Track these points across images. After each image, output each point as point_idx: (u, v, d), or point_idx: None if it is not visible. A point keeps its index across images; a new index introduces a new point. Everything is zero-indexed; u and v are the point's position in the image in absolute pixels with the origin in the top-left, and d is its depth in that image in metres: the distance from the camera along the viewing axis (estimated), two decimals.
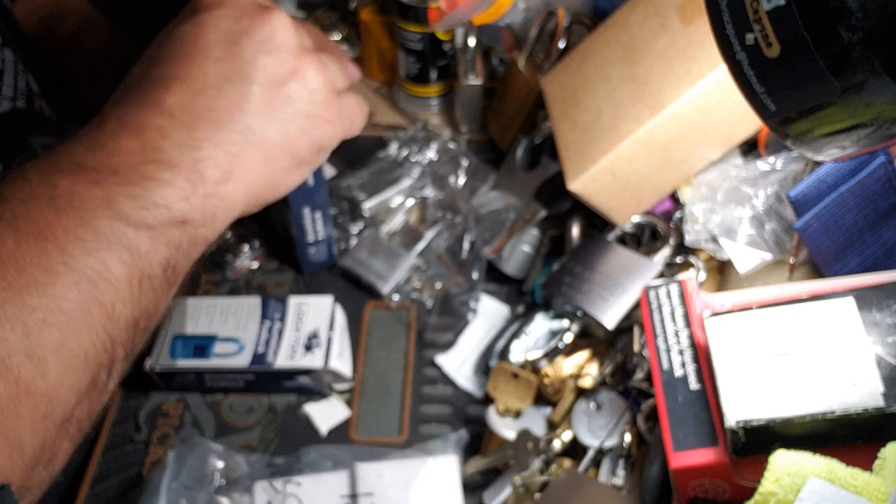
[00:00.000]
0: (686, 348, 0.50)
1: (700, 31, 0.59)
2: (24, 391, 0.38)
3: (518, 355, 0.64)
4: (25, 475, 0.38)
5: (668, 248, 0.64)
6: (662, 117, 0.59)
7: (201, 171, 0.45)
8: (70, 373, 0.40)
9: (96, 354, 0.41)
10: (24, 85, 0.61)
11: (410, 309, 0.72)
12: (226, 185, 0.47)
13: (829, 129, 0.35)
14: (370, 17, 0.87)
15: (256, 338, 0.66)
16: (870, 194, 0.52)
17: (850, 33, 0.31)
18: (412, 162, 0.80)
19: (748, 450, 0.44)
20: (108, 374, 0.43)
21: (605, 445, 0.57)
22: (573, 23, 0.75)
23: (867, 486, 0.38)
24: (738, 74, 0.36)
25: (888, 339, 0.44)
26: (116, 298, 0.42)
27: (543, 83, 0.71)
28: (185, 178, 0.45)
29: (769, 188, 0.58)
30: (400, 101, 0.88)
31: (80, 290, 0.40)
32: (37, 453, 0.39)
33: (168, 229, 0.44)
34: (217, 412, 0.66)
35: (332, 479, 0.58)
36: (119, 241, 0.42)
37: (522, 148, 0.75)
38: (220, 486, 0.59)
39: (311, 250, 0.72)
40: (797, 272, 0.57)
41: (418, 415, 0.66)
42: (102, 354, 0.42)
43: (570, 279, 0.64)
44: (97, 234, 0.42)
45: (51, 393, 0.39)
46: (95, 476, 0.63)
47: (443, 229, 0.75)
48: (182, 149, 0.45)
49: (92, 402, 0.42)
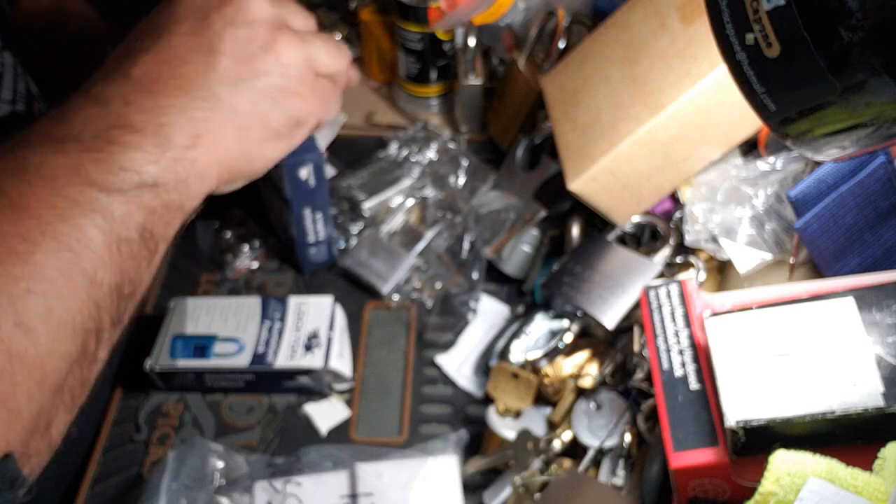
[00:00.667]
0: (686, 348, 0.50)
1: (700, 31, 0.59)
2: (17, 360, 0.38)
3: (518, 355, 0.64)
4: (25, 442, 0.39)
5: (668, 248, 0.64)
6: (662, 117, 0.59)
7: (167, 135, 0.46)
8: (59, 340, 0.40)
9: (83, 321, 0.42)
10: (23, 88, 0.60)
11: (410, 309, 0.72)
12: (195, 150, 0.47)
13: (829, 129, 0.35)
14: (370, 17, 0.87)
15: (256, 338, 0.66)
16: (870, 194, 0.52)
17: (850, 33, 0.31)
18: (412, 162, 0.80)
19: (748, 450, 0.44)
20: (96, 341, 0.43)
21: (605, 445, 0.57)
22: (573, 23, 0.75)
23: (867, 486, 0.38)
24: (738, 74, 0.36)
25: (888, 339, 0.44)
26: (97, 264, 0.42)
27: (543, 83, 0.71)
28: (151, 142, 0.45)
29: (769, 188, 0.58)
30: (400, 101, 0.88)
31: (60, 257, 0.41)
32: (34, 420, 0.39)
33: (139, 192, 0.44)
34: (217, 412, 0.66)
35: (332, 479, 0.58)
36: (91, 207, 0.42)
37: (522, 148, 0.75)
38: (220, 486, 0.59)
39: (312, 250, 0.72)
40: (797, 272, 0.57)
41: (418, 415, 0.66)
42: (89, 321, 0.42)
43: (570, 279, 0.64)
44: (69, 201, 0.42)
45: (43, 360, 0.39)
46: (95, 476, 0.63)
47: (443, 229, 0.75)
48: (146, 114, 0.46)
49: (83, 370, 0.43)
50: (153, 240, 0.46)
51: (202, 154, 0.47)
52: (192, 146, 0.47)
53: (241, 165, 0.50)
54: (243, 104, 0.49)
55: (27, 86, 0.61)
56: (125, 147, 0.44)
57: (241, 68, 0.49)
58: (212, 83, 0.48)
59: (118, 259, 0.43)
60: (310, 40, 0.52)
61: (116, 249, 0.43)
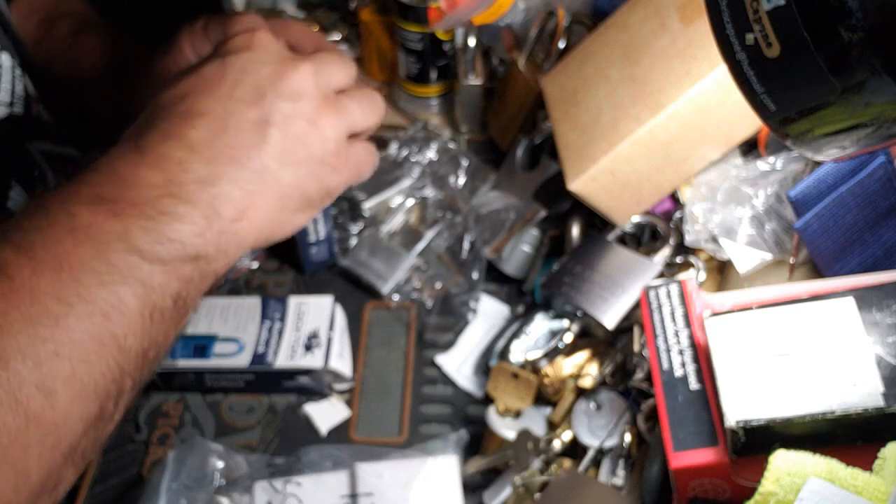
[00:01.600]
0: (686, 348, 0.50)
1: (700, 31, 0.59)
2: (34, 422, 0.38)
3: (518, 355, 0.64)
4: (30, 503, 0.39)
5: (668, 248, 0.64)
6: (662, 117, 0.59)
7: (217, 208, 0.46)
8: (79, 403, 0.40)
9: (105, 385, 0.42)
10: (21, 89, 0.60)
11: (410, 309, 0.72)
12: (240, 223, 0.48)
13: (829, 129, 0.35)
14: (370, 17, 0.87)
15: (256, 338, 0.66)
16: (870, 194, 0.52)
17: (850, 33, 0.31)
18: (412, 162, 0.80)
19: (748, 450, 0.44)
20: (115, 404, 0.43)
21: (605, 445, 0.57)
22: (573, 23, 0.75)
23: (867, 486, 0.38)
24: (738, 74, 0.36)
25: (888, 339, 0.44)
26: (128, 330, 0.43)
27: (543, 83, 0.71)
28: (201, 214, 0.46)
29: (769, 188, 0.58)
30: (400, 101, 0.88)
31: (92, 321, 0.41)
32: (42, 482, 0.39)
33: (181, 264, 0.45)
34: (217, 412, 0.67)
35: (332, 479, 0.58)
36: (133, 274, 0.43)
37: (522, 148, 0.75)
38: (220, 486, 0.59)
39: (313, 250, 0.72)
40: (797, 272, 0.57)
41: (418, 415, 0.66)
42: (111, 385, 0.42)
43: (570, 279, 0.64)
44: (112, 266, 0.42)
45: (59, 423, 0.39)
46: (95, 476, 0.63)
47: (443, 229, 0.75)
48: (201, 184, 0.46)
49: (98, 432, 0.43)
50: (185, 306, 0.46)
51: (245, 226, 0.48)
52: (238, 219, 0.48)
53: (274, 231, 0.51)
54: (288, 176, 0.50)
55: (25, 87, 0.61)
56: (174, 218, 0.45)
57: (289, 141, 0.50)
58: (263, 155, 0.49)
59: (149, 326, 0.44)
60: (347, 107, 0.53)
61: (149, 316, 0.44)
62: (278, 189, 0.50)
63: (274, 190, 0.49)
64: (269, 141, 0.49)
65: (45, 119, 0.62)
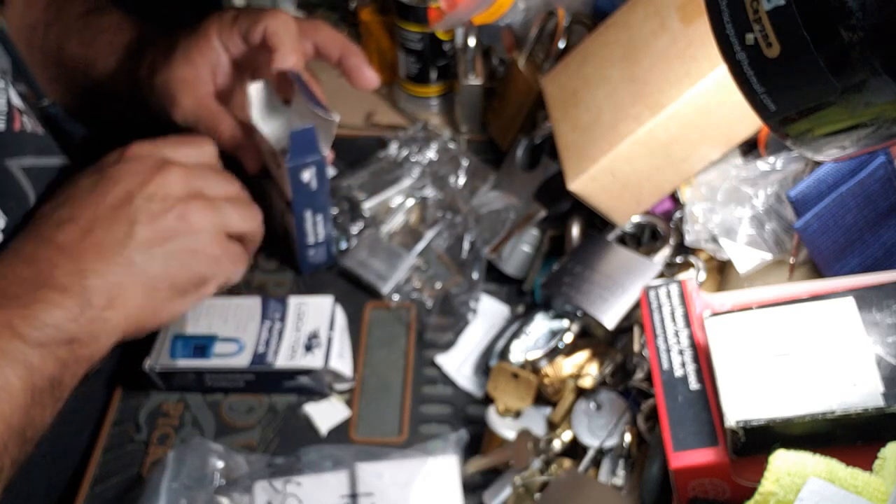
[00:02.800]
0: (686, 348, 0.50)
1: (700, 31, 0.59)
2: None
3: (518, 355, 0.64)
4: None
5: (668, 248, 0.64)
6: (662, 117, 0.59)
7: (88, 297, 0.53)
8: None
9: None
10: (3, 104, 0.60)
11: (410, 309, 0.72)
12: (109, 311, 0.54)
13: (829, 129, 0.35)
14: (370, 17, 0.87)
15: (256, 338, 0.66)
16: (870, 194, 0.52)
17: (850, 33, 0.31)
18: (412, 162, 0.80)
19: (748, 450, 0.44)
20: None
21: (605, 445, 0.57)
22: (573, 23, 0.75)
23: (867, 486, 0.38)
24: (738, 74, 0.36)
25: (888, 339, 0.44)
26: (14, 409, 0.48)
27: (543, 83, 0.71)
28: (75, 302, 0.52)
29: (769, 188, 0.58)
30: (400, 101, 0.88)
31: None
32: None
33: (57, 347, 0.51)
34: (217, 412, 0.66)
35: (332, 479, 0.58)
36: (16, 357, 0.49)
37: (522, 148, 0.75)
38: (220, 486, 0.59)
39: (311, 252, 0.72)
40: (797, 272, 0.57)
41: (418, 415, 0.66)
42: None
43: (570, 279, 0.64)
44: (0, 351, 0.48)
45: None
46: (95, 476, 0.63)
47: (443, 229, 0.75)
48: (70, 276, 0.53)
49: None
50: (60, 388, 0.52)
51: (114, 314, 0.54)
52: (108, 307, 0.54)
53: (147, 319, 0.57)
54: (155, 267, 0.56)
55: (9, 100, 0.61)
56: (50, 305, 0.51)
57: (155, 235, 0.56)
58: (128, 251, 0.55)
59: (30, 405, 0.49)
60: (221, 207, 0.60)
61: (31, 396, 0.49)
62: (145, 279, 0.56)
63: (140, 281, 0.56)
64: (134, 237, 0.55)
65: (29, 131, 0.61)
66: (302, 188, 0.66)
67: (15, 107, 0.60)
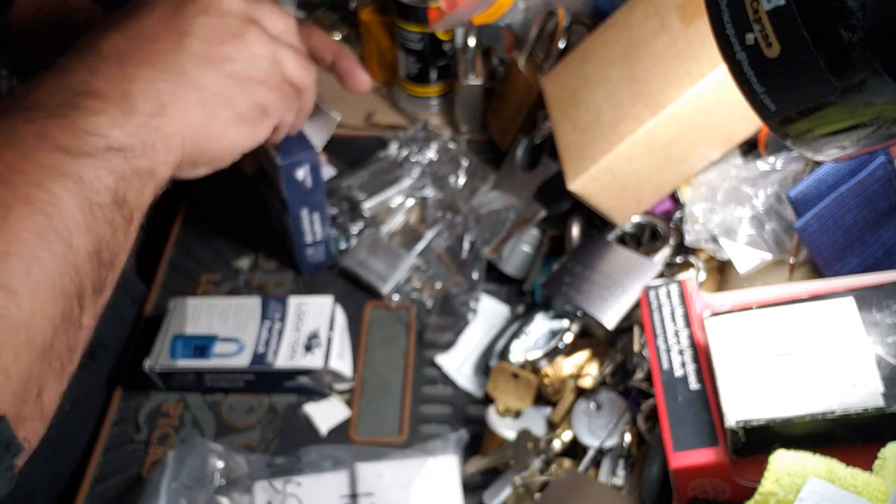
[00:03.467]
0: (686, 348, 0.50)
1: (700, 31, 0.59)
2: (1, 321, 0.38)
3: (518, 355, 0.64)
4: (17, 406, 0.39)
5: (668, 248, 0.64)
6: (662, 117, 0.59)
7: (132, 102, 0.46)
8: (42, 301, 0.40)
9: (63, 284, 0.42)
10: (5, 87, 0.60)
11: (410, 309, 0.72)
12: (160, 119, 0.48)
13: (829, 129, 0.35)
14: (370, 17, 0.87)
15: (256, 338, 0.66)
16: (870, 194, 0.52)
17: (850, 33, 0.31)
18: (412, 162, 0.80)
19: (748, 450, 0.44)
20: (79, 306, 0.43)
21: (605, 445, 0.57)
22: (573, 23, 0.75)
23: (867, 486, 0.38)
24: (738, 74, 0.36)
25: (888, 339, 0.44)
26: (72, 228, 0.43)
27: (543, 83, 0.71)
28: (116, 107, 0.46)
29: (769, 188, 0.58)
30: (400, 101, 0.88)
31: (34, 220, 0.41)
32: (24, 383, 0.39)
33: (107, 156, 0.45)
34: (217, 412, 0.66)
35: (332, 479, 0.58)
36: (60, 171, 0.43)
37: (522, 148, 0.75)
38: (220, 486, 0.59)
39: (309, 251, 0.72)
40: (797, 272, 0.57)
41: (418, 415, 0.66)
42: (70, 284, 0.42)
43: (570, 279, 0.64)
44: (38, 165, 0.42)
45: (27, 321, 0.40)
46: (95, 476, 0.63)
47: (443, 229, 0.75)
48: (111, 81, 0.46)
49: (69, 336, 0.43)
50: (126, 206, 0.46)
51: (167, 123, 0.48)
52: (157, 115, 0.48)
53: (205, 143, 0.51)
54: (210, 83, 0.50)
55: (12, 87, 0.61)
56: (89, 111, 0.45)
57: (211, 51, 0.50)
58: (180, 59, 0.49)
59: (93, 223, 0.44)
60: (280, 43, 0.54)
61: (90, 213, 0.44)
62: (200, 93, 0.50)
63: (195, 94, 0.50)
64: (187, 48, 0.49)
65: None
66: (296, 186, 0.66)
67: None
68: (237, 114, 0.52)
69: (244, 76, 0.51)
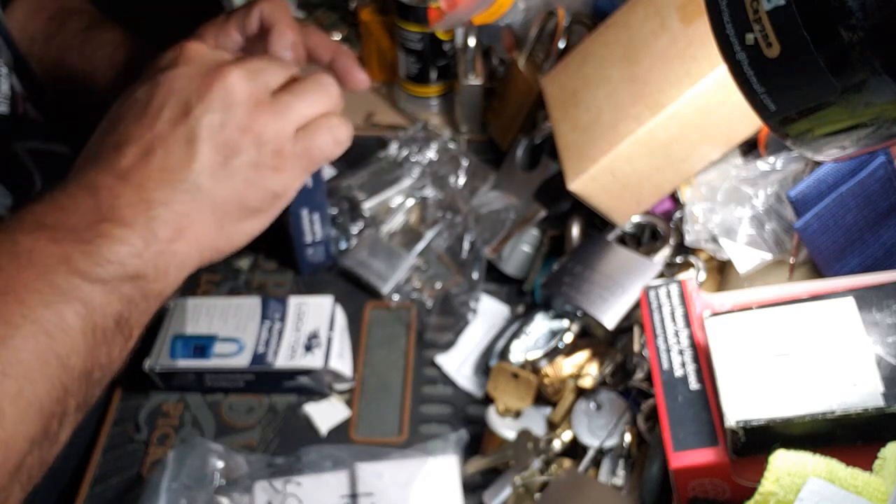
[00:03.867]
0: (686, 348, 0.50)
1: (700, 31, 0.59)
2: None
3: (518, 355, 0.64)
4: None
5: (668, 248, 0.64)
6: (662, 117, 0.59)
7: (154, 230, 0.48)
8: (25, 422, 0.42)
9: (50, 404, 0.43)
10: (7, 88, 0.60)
11: (410, 309, 0.72)
12: (178, 243, 0.49)
13: (829, 129, 0.35)
14: (370, 17, 0.87)
15: (256, 338, 0.66)
16: (870, 194, 0.52)
17: (850, 33, 0.31)
18: (412, 162, 0.80)
19: (748, 450, 0.44)
20: (59, 423, 0.45)
21: (605, 445, 0.57)
22: (573, 23, 0.75)
23: (867, 486, 0.38)
24: (738, 74, 0.36)
25: (888, 339, 0.44)
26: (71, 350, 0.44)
27: (543, 83, 0.71)
28: (139, 236, 0.47)
29: (769, 188, 0.58)
30: (400, 101, 0.88)
31: (37, 341, 0.43)
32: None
33: (121, 283, 0.47)
34: (217, 412, 0.66)
35: (332, 479, 0.58)
36: (75, 295, 0.45)
37: (522, 148, 0.75)
38: (220, 486, 0.59)
39: (309, 251, 0.72)
40: (797, 272, 0.57)
41: (418, 415, 0.66)
42: (55, 405, 0.44)
43: (570, 279, 0.64)
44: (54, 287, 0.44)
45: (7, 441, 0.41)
46: (95, 476, 0.63)
47: (443, 229, 0.75)
48: (134, 208, 0.48)
49: (43, 452, 0.44)
50: (128, 326, 0.48)
51: (183, 246, 0.50)
52: (175, 240, 0.49)
53: (220, 245, 0.53)
54: (224, 191, 0.51)
55: (12, 85, 0.61)
56: (112, 240, 0.46)
57: (219, 153, 0.50)
58: (194, 175, 0.50)
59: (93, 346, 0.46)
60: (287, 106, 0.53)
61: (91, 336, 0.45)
62: (212, 205, 0.50)
63: (209, 207, 0.50)
64: (198, 158, 0.50)
65: (32, 117, 0.61)
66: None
67: (18, 92, 0.61)
68: (250, 210, 0.53)
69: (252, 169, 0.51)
